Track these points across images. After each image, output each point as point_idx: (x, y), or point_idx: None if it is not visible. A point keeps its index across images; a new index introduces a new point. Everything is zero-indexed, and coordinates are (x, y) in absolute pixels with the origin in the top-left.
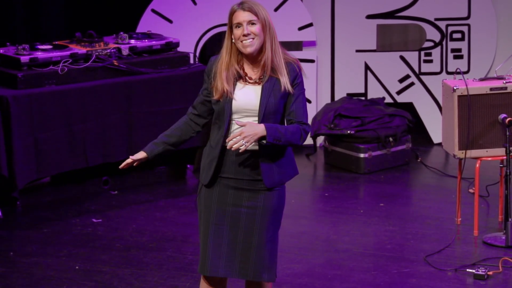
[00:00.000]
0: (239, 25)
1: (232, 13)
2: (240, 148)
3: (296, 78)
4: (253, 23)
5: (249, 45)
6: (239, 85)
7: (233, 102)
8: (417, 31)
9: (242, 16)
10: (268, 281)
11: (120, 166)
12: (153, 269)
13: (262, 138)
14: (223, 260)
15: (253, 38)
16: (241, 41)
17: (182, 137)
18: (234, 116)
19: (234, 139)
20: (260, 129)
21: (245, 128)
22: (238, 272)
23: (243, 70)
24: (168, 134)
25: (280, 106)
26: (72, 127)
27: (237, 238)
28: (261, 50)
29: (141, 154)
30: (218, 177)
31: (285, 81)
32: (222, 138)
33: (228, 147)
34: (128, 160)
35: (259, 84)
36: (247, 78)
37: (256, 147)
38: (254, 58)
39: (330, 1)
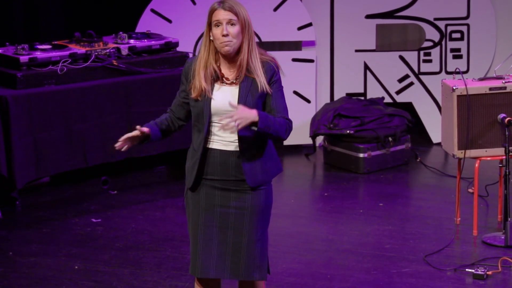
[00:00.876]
0: (218, 24)
1: (212, 11)
2: (231, 129)
3: (273, 76)
4: (232, 23)
5: (227, 46)
6: (217, 86)
7: (212, 103)
8: (417, 31)
9: (223, 15)
10: (259, 279)
11: (122, 138)
12: (152, 269)
13: (253, 124)
14: (214, 261)
15: (232, 39)
16: (220, 41)
17: (169, 128)
18: (213, 118)
19: (226, 120)
20: (253, 114)
21: (238, 110)
22: (229, 272)
23: (220, 70)
24: (158, 122)
25: (258, 106)
26: (71, 127)
27: (227, 239)
28: (238, 50)
29: (145, 129)
30: (202, 179)
31: (261, 80)
32: (203, 140)
33: (219, 128)
34: (134, 132)
35: (236, 84)
36: (224, 78)
37: (237, 148)
38: (231, 58)
39: (329, 1)
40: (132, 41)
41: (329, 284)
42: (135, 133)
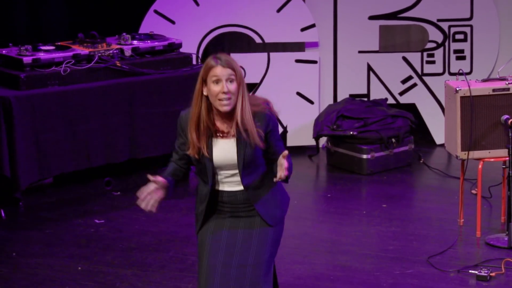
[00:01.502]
0: (218, 81)
1: (209, 68)
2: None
3: (269, 125)
4: (231, 80)
5: (227, 104)
6: (214, 140)
7: (214, 160)
8: (420, 32)
9: (222, 72)
10: None
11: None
12: (156, 270)
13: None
14: (218, 281)
15: (232, 96)
16: (219, 99)
17: (181, 175)
18: (217, 171)
19: (281, 174)
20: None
21: (284, 161)
22: None
23: (215, 124)
24: (171, 173)
25: (258, 154)
26: (74, 128)
27: (232, 259)
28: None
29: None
30: (214, 213)
31: (253, 136)
32: (209, 192)
33: (275, 180)
34: (154, 184)
35: (233, 136)
36: (218, 133)
37: (241, 188)
38: (227, 114)
39: (332, 2)
40: (135, 42)
41: (332, 285)
42: (152, 186)
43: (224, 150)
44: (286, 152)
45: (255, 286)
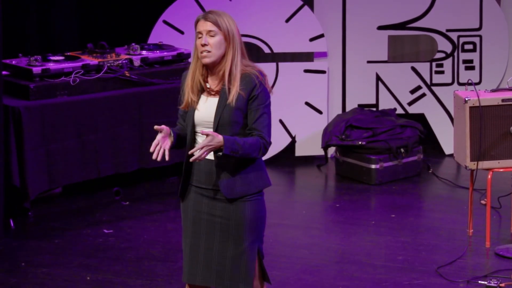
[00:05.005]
0: (199, 34)
1: (196, 22)
2: (199, 159)
3: (254, 90)
4: (212, 35)
5: (206, 56)
6: (203, 97)
7: (196, 113)
8: (429, 42)
9: (203, 26)
10: None
11: (156, 127)
12: (164, 279)
13: (219, 150)
14: (200, 268)
15: (210, 50)
16: (199, 51)
17: (182, 134)
18: (197, 128)
19: (193, 150)
20: (218, 141)
21: (206, 139)
22: (215, 280)
23: (206, 81)
24: (175, 128)
25: (237, 117)
26: (83, 137)
27: (213, 247)
28: (221, 61)
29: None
30: (189, 185)
31: (233, 93)
32: (187, 148)
33: (190, 160)
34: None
35: (218, 94)
36: (209, 89)
37: (212, 157)
38: (214, 69)
39: (341, 12)
40: (144, 52)
41: None
42: (158, 136)
43: (206, 107)
44: (207, 131)
45: (237, 271)
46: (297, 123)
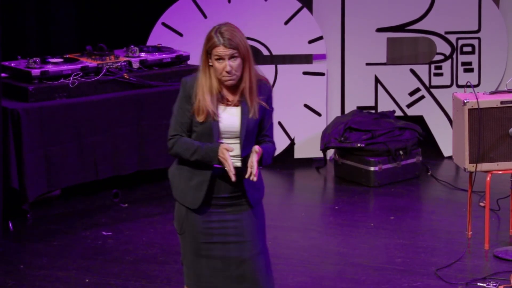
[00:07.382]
0: (220, 60)
1: (212, 45)
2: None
3: (269, 98)
4: (234, 58)
5: (231, 79)
6: (221, 107)
7: (220, 124)
8: (427, 44)
9: (224, 52)
10: None
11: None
12: (163, 282)
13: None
14: (220, 278)
15: (235, 73)
16: (222, 76)
17: None
18: (222, 139)
19: (250, 171)
20: (260, 155)
21: (255, 156)
22: (236, 285)
23: (222, 92)
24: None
25: (257, 126)
26: (82, 140)
27: (230, 253)
28: (241, 78)
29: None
30: (213, 198)
31: (255, 105)
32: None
33: (253, 179)
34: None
35: (238, 105)
36: (224, 101)
37: (240, 164)
38: (233, 85)
39: (340, 14)
40: (143, 54)
41: None
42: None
43: (227, 117)
44: (257, 147)
45: (260, 271)
46: (296, 125)
